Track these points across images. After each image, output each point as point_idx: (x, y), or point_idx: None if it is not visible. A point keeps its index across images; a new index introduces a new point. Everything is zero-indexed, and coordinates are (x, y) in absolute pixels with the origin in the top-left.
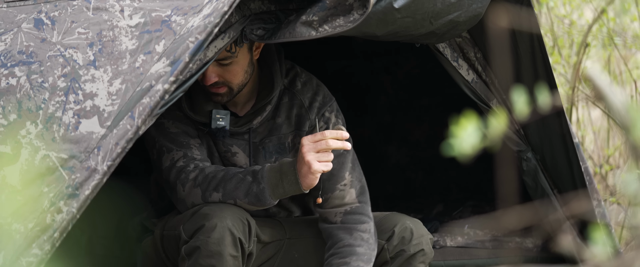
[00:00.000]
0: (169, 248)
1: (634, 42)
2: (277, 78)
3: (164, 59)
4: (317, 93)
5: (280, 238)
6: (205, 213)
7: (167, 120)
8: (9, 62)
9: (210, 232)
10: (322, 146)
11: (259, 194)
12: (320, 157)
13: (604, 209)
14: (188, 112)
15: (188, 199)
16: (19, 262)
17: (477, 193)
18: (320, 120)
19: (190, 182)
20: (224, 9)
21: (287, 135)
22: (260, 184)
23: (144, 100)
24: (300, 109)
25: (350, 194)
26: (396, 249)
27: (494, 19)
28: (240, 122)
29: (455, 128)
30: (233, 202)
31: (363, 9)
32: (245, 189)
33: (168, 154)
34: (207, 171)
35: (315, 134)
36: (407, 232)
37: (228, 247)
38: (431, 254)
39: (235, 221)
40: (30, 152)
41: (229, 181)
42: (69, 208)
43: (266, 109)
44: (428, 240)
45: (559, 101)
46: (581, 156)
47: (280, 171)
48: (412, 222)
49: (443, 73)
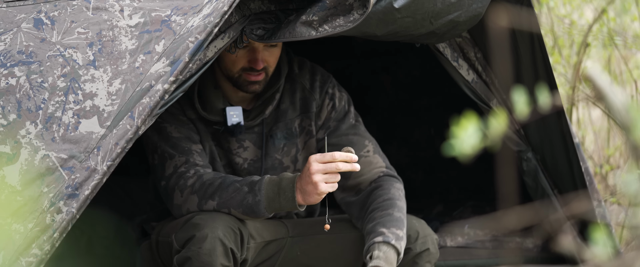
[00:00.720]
0: (163, 254)
1: (634, 42)
2: (283, 64)
3: (164, 59)
4: (314, 73)
5: (282, 236)
6: (196, 223)
7: (170, 124)
8: (8, 62)
9: (201, 242)
10: (331, 168)
11: (254, 206)
12: (328, 178)
13: (604, 209)
14: (202, 113)
15: (184, 205)
16: (19, 262)
17: (477, 193)
18: (325, 98)
19: (188, 189)
20: (224, 9)
21: (293, 120)
22: (256, 197)
23: (143, 100)
24: (303, 92)
25: (377, 160)
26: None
27: (494, 19)
28: (252, 115)
29: (456, 128)
30: (227, 210)
31: (363, 9)
32: (240, 199)
33: (170, 160)
34: (205, 177)
35: (325, 155)
36: (413, 231)
37: (219, 257)
38: (437, 254)
39: (227, 230)
40: (30, 152)
41: (225, 190)
42: (69, 208)
43: (275, 97)
44: (433, 240)
45: (559, 101)
46: (581, 156)
47: (279, 186)
48: (417, 222)
49: (443, 73)
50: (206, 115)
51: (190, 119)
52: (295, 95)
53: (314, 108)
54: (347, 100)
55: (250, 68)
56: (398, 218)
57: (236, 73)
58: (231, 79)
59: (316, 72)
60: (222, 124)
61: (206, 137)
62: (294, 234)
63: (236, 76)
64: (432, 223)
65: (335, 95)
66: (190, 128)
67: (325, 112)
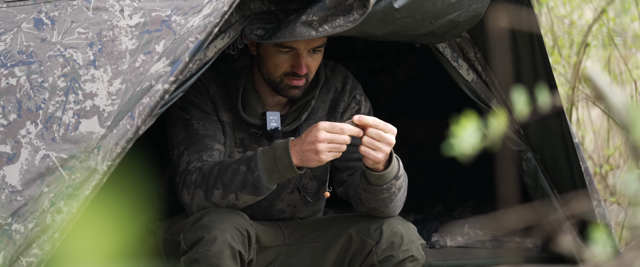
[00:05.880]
0: (170, 252)
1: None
2: (321, 72)
3: (164, 59)
4: (347, 77)
5: (279, 244)
6: (205, 225)
7: (197, 121)
8: (9, 62)
9: (209, 245)
10: (339, 140)
11: (256, 183)
12: (332, 148)
13: (604, 209)
14: (244, 115)
15: (193, 202)
16: (19, 262)
17: (477, 193)
18: (352, 101)
19: (193, 186)
20: (224, 9)
21: (322, 118)
22: (254, 173)
23: (144, 100)
24: (335, 92)
25: None
26: (384, 254)
27: (494, 19)
28: (288, 120)
29: (456, 128)
30: (235, 196)
31: (363, 9)
32: (241, 180)
33: (184, 157)
34: (205, 168)
35: (335, 125)
36: (397, 237)
37: (227, 260)
38: (422, 259)
39: (235, 232)
40: (30, 152)
41: (225, 175)
42: (69, 208)
43: (311, 103)
44: (419, 246)
45: (559, 101)
46: (581, 156)
47: (274, 156)
48: (403, 227)
49: (443, 73)
50: (247, 118)
51: (222, 121)
52: (328, 95)
53: (341, 108)
54: (370, 110)
55: (293, 73)
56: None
57: (278, 77)
58: (272, 82)
59: (348, 76)
60: (259, 127)
61: (231, 143)
62: (291, 242)
63: (278, 80)
64: (432, 223)
65: (361, 102)
66: (218, 128)
67: (349, 112)
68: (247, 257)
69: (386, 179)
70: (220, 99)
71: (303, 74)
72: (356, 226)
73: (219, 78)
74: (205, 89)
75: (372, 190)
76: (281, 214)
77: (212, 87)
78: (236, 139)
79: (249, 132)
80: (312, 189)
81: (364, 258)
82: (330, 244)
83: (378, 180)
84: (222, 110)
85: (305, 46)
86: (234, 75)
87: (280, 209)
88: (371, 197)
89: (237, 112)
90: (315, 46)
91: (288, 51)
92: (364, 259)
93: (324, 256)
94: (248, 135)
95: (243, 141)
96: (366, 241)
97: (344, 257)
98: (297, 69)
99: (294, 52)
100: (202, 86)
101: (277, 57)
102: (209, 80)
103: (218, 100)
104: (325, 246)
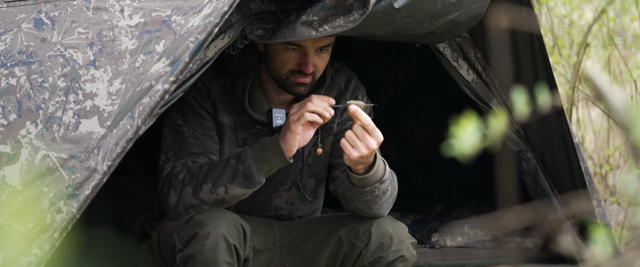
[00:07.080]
0: (165, 255)
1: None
2: (327, 72)
3: (164, 59)
4: (351, 77)
5: (270, 247)
6: (199, 221)
7: (188, 128)
8: (9, 62)
9: (204, 240)
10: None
11: (246, 172)
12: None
13: (604, 209)
14: (250, 112)
15: (180, 201)
16: (19, 262)
17: (477, 193)
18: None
19: (180, 184)
20: (224, 9)
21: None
22: (245, 162)
23: (144, 100)
24: (338, 91)
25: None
26: (374, 256)
27: (494, 19)
28: None
29: (456, 128)
30: (224, 189)
31: (363, 9)
32: (231, 172)
33: (174, 162)
34: (193, 167)
35: (303, 103)
36: (386, 238)
37: (223, 254)
38: (413, 259)
39: (230, 227)
40: (30, 152)
41: (215, 169)
42: (69, 208)
43: None
44: (409, 245)
45: (559, 101)
46: (581, 156)
47: (262, 146)
48: (392, 227)
49: (443, 73)
50: (253, 114)
51: (222, 123)
52: (330, 94)
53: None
54: (370, 112)
55: (299, 71)
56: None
57: (284, 74)
58: (278, 79)
59: (352, 77)
60: (265, 124)
61: (231, 144)
62: (282, 244)
63: (284, 77)
64: (432, 223)
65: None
66: (210, 136)
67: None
68: (243, 254)
69: (368, 182)
70: (221, 101)
71: (309, 72)
72: (346, 228)
73: (223, 78)
74: (207, 91)
75: (355, 191)
76: (278, 210)
77: (214, 88)
78: (238, 139)
79: (252, 131)
80: (310, 187)
81: (354, 260)
82: (321, 247)
83: (360, 182)
84: (222, 112)
85: (313, 45)
86: (241, 71)
87: (277, 206)
88: (355, 198)
89: (240, 112)
90: (323, 45)
91: (295, 49)
92: (354, 262)
93: (316, 259)
94: (251, 134)
95: (245, 140)
96: (355, 243)
97: (335, 260)
98: (303, 67)
99: (301, 50)
100: (204, 87)
101: (284, 54)
102: (211, 80)
103: (219, 102)
104: (316, 248)
